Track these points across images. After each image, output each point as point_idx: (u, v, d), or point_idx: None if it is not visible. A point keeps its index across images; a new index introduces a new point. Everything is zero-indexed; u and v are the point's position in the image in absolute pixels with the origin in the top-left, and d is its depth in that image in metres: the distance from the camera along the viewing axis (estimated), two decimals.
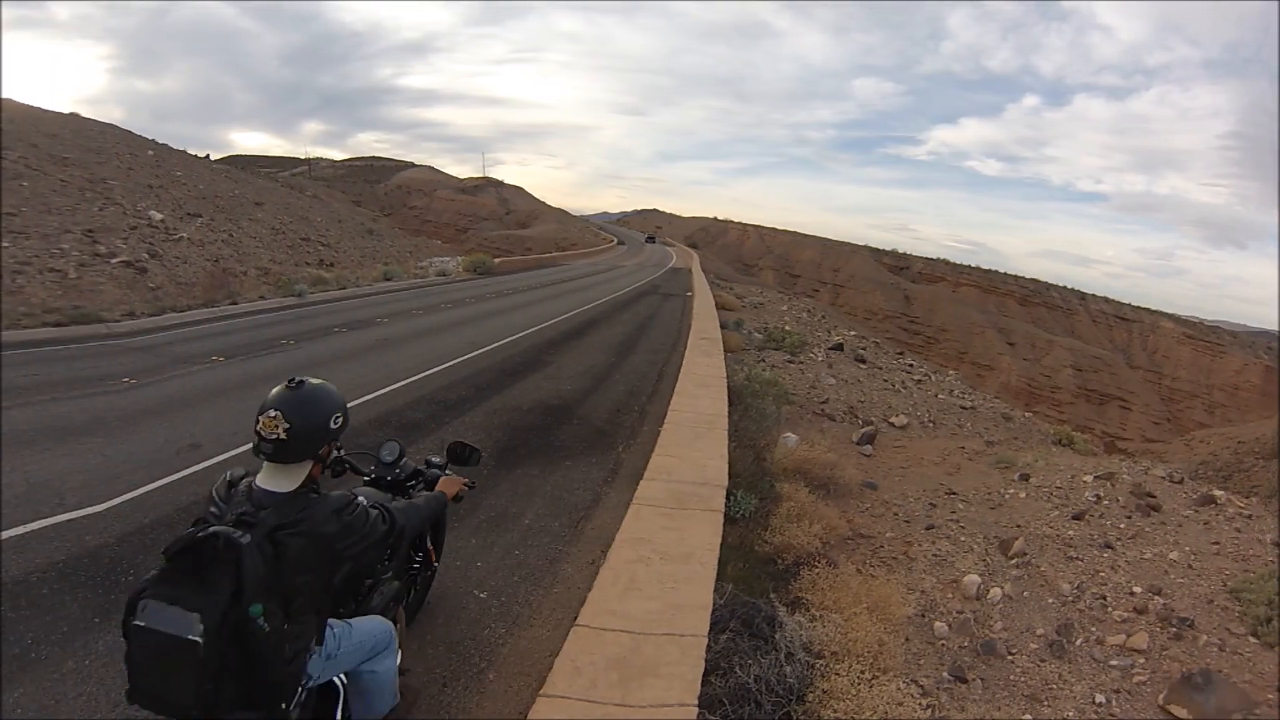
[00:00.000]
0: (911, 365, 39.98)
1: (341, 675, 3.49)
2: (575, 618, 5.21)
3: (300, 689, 3.08)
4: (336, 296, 25.01)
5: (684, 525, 6.88)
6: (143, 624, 2.59)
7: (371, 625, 3.61)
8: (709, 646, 5.08)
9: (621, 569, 5.86)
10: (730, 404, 12.43)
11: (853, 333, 47.08)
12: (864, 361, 32.91)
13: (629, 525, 6.84)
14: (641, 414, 12.48)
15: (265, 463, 3.03)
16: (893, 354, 43.56)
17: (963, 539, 11.58)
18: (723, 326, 25.87)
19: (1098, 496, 13.08)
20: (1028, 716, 7.81)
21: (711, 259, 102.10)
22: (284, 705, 2.93)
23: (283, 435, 2.94)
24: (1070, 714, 7.80)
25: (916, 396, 28.20)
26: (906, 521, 12.22)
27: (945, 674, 8.35)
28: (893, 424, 21.97)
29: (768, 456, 12.36)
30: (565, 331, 21.03)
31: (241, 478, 3.12)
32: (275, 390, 3.03)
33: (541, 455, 9.75)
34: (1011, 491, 13.76)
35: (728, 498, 8.10)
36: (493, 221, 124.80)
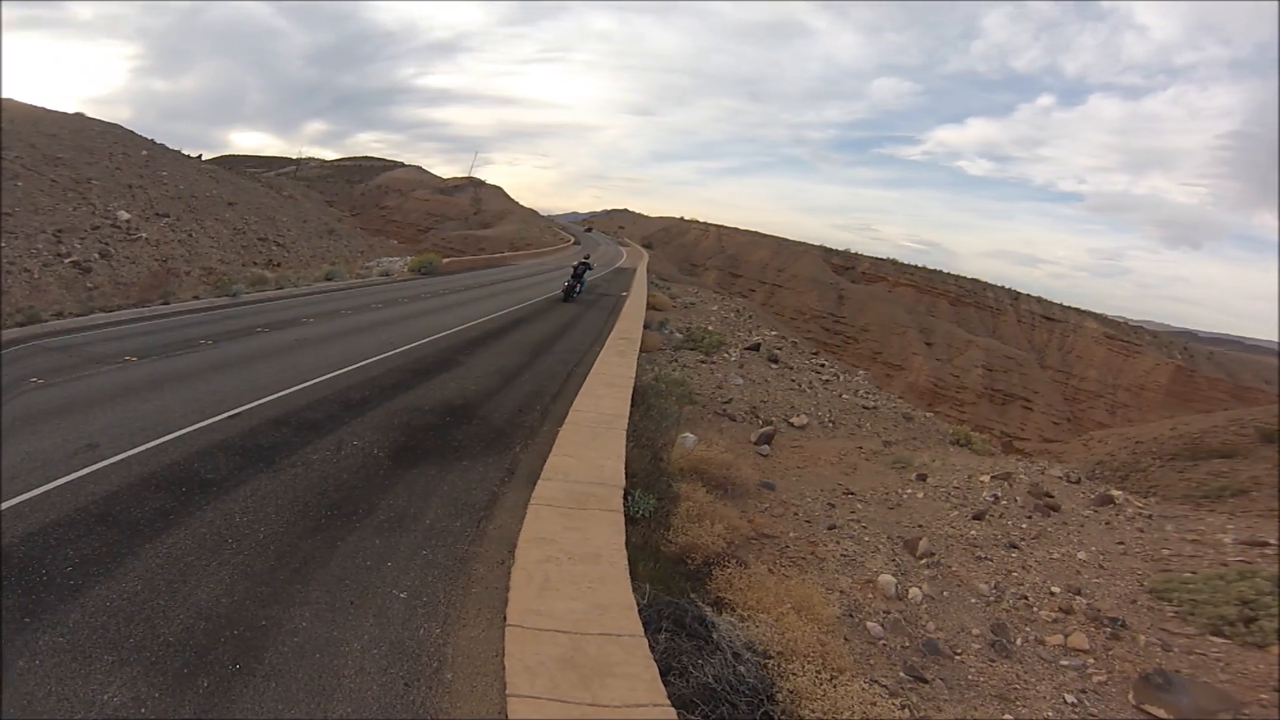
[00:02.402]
0: (823, 365, 40.31)
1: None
2: (504, 618, 5.35)
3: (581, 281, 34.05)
4: (271, 296, 24.43)
5: (585, 525, 6.89)
6: (577, 263, 35.22)
7: (590, 277, 35.68)
8: (651, 647, 5.11)
9: (534, 569, 5.91)
10: (634, 404, 12.43)
11: (774, 333, 47.50)
12: (777, 362, 33.12)
13: (531, 526, 6.87)
14: (543, 414, 12.38)
15: (580, 261, 35.91)
16: (808, 354, 44.00)
17: (867, 539, 11.71)
18: (647, 327, 25.99)
19: (995, 496, 13.35)
20: (1008, 717, 7.92)
21: (662, 259, 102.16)
22: (580, 282, 33.50)
23: (585, 261, 35.51)
24: (1048, 714, 7.94)
25: (821, 396, 28.48)
26: (808, 521, 12.33)
27: (902, 674, 8.43)
28: (792, 424, 22.15)
29: (665, 456, 12.38)
30: (488, 331, 20.89)
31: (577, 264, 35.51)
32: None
33: (437, 455, 9.65)
34: (909, 491, 13.99)
35: (626, 498, 8.11)
36: (458, 221, 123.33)
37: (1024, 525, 12.51)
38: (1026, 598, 10.32)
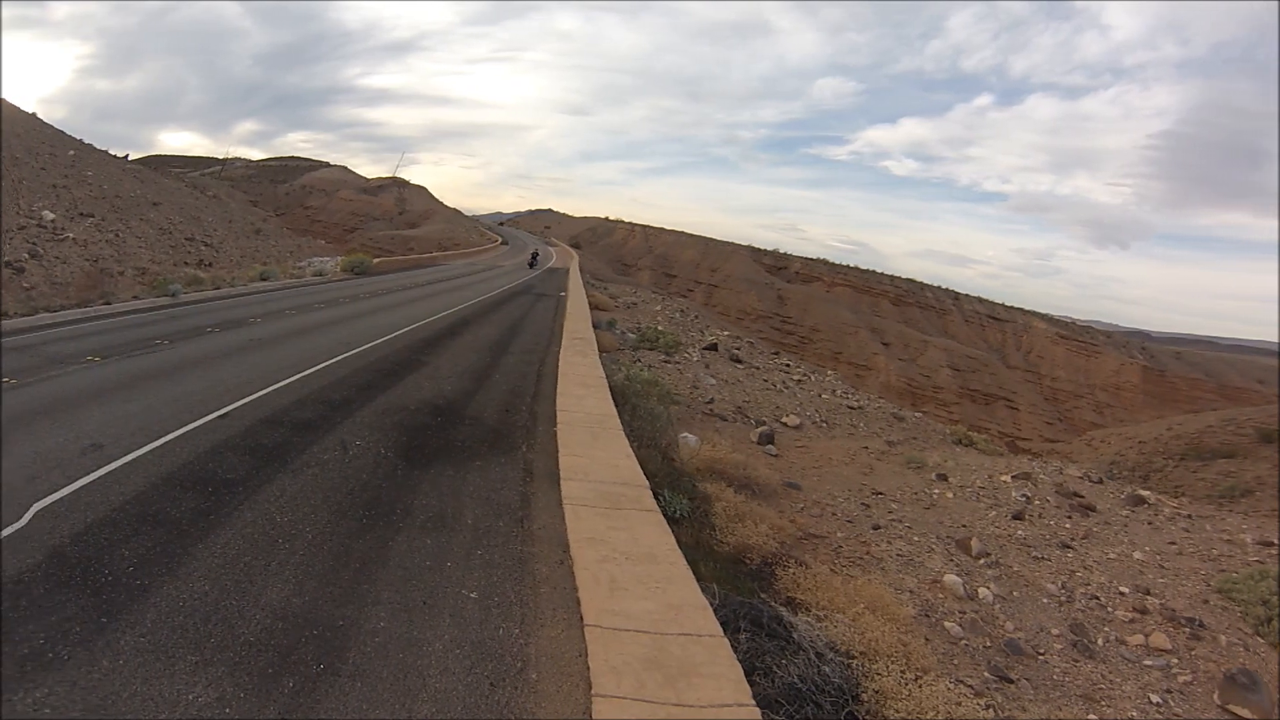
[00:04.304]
0: (789, 365, 41.09)
1: None
2: (581, 618, 5.51)
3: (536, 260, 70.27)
4: (210, 296, 24.77)
5: (630, 525, 7.00)
6: (533, 250, 78.82)
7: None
8: (733, 647, 5.20)
9: (596, 570, 6.02)
10: (616, 404, 12.61)
11: (726, 333, 48.22)
12: (740, 361, 33.70)
13: (575, 526, 6.98)
14: (531, 414, 12.63)
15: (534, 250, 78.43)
16: (768, 354, 44.82)
17: (916, 539, 11.98)
18: (596, 327, 26.28)
19: (1026, 496, 13.70)
20: (1093, 717, 8.13)
21: (592, 259, 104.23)
22: (536, 260, 69.96)
23: (536, 250, 76.99)
24: (1133, 715, 8.14)
25: (801, 396, 29.10)
26: (849, 521, 12.60)
27: (987, 674, 8.64)
28: (785, 424, 22.66)
29: (675, 457, 12.65)
30: (439, 331, 21.30)
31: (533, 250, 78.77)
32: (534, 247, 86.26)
33: (446, 456, 9.82)
34: (937, 491, 14.32)
35: (655, 497, 8.19)
36: (383, 221, 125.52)
37: (1067, 525, 12.94)
38: (1097, 597, 10.69)
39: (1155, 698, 8.59)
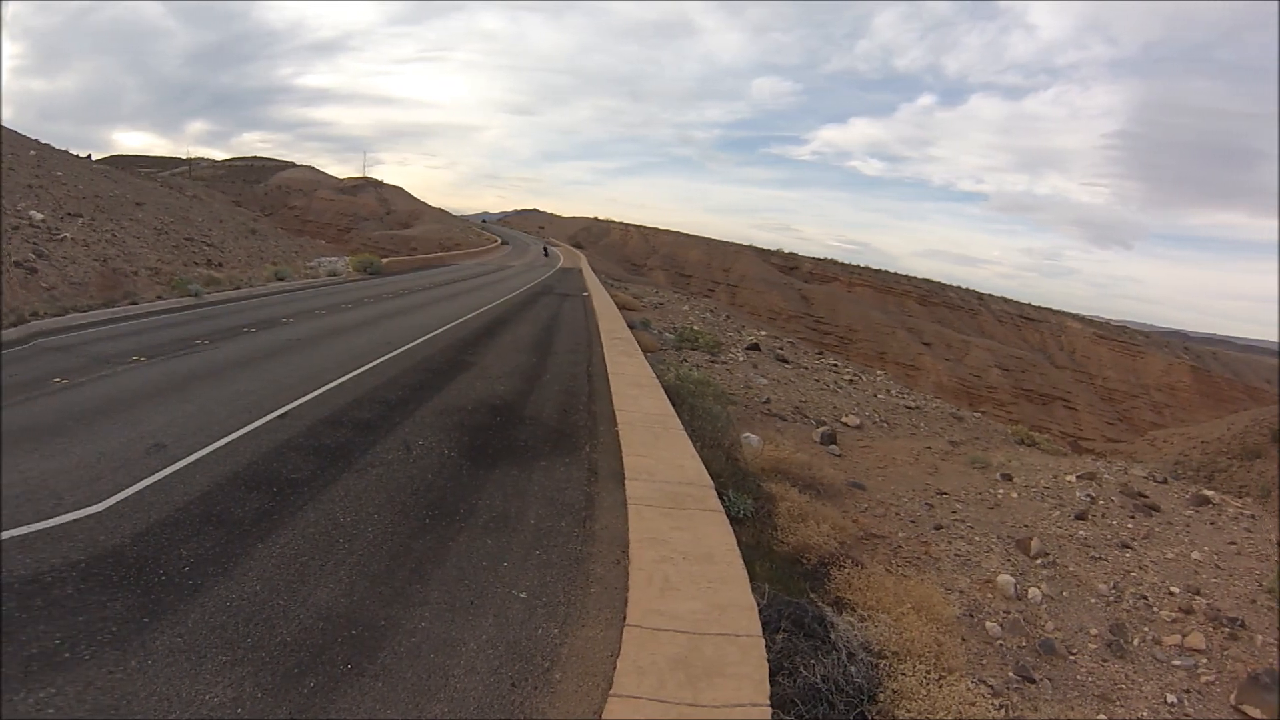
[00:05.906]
0: (836, 365, 41.22)
1: None
2: (624, 618, 5.51)
3: (548, 251, 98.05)
4: (233, 297, 25.19)
5: (693, 526, 7.05)
6: (544, 245, 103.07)
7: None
8: (767, 646, 5.25)
9: (652, 570, 6.05)
10: (672, 405, 12.63)
11: (763, 333, 48.38)
12: (787, 361, 33.89)
13: (637, 526, 7.03)
14: (590, 414, 12.74)
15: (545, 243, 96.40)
16: (812, 354, 44.87)
17: (977, 539, 12.10)
18: (630, 327, 26.41)
19: (1091, 497, 13.82)
20: (1102, 717, 8.25)
21: (599, 259, 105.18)
22: (548, 251, 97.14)
23: (546, 247, 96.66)
24: (1144, 714, 8.27)
25: (856, 396, 29.26)
26: (912, 521, 12.76)
27: (1011, 674, 8.79)
28: (845, 424, 22.79)
29: (739, 457, 12.77)
30: (475, 331, 21.71)
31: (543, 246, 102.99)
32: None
33: (510, 456, 9.97)
34: (1001, 491, 14.43)
35: (720, 497, 8.24)
36: (374, 221, 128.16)
37: (1130, 525, 13.00)
38: (1146, 598, 10.76)
39: (1172, 698, 8.75)
